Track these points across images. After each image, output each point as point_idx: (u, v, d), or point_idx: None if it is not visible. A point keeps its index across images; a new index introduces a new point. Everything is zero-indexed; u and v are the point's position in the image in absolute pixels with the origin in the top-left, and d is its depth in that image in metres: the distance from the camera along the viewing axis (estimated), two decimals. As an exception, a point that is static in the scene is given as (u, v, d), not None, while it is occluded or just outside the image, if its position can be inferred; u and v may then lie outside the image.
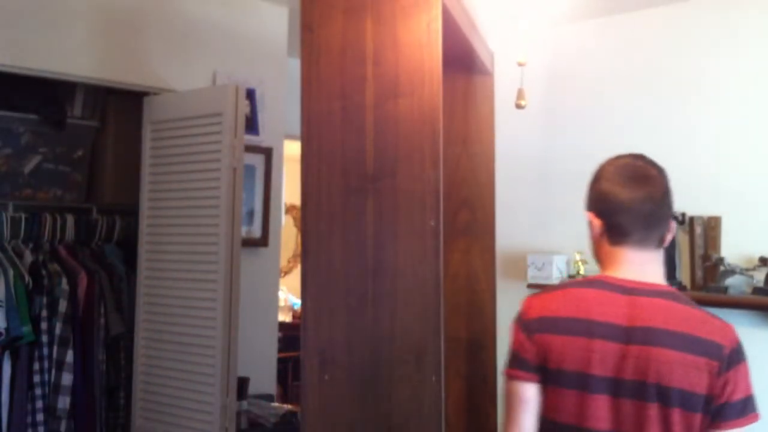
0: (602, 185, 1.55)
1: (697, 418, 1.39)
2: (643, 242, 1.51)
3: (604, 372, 1.43)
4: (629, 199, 1.51)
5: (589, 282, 1.56)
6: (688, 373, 1.39)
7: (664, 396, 1.39)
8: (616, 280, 1.50)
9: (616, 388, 1.43)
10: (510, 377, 1.54)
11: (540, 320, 1.52)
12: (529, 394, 1.51)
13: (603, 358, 1.43)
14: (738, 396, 1.40)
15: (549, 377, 1.49)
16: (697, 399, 1.39)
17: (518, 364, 1.53)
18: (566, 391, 1.46)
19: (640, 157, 1.59)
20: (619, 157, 1.59)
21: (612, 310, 1.46)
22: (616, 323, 1.44)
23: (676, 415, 1.39)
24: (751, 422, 1.42)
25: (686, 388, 1.39)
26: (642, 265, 1.51)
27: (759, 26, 3.00)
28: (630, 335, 1.43)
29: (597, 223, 1.56)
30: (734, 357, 1.43)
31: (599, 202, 1.55)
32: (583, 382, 1.44)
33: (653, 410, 1.40)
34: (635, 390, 1.41)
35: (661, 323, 1.43)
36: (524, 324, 1.54)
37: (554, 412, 1.49)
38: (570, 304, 1.51)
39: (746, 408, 1.41)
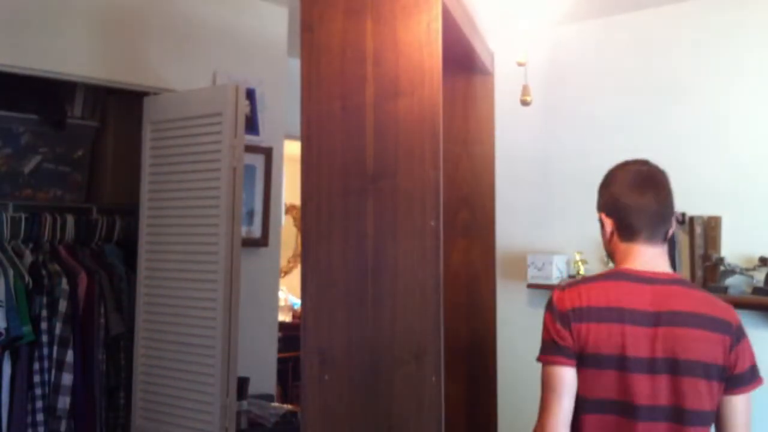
0: (614, 189, 1.78)
1: (716, 385, 1.62)
2: (651, 238, 1.73)
3: (639, 353, 1.62)
4: (638, 203, 1.74)
5: (613, 275, 1.75)
6: (708, 348, 1.62)
7: (693, 369, 1.61)
8: (635, 272, 1.71)
9: (651, 366, 1.62)
10: (550, 363, 1.68)
11: (575, 311, 1.68)
12: (569, 377, 1.66)
13: (635, 341, 1.63)
14: (746, 366, 1.65)
15: (587, 361, 1.65)
16: (716, 369, 1.62)
17: (558, 351, 1.68)
18: (606, 372, 1.64)
19: (645, 163, 1.81)
20: (627, 163, 1.82)
21: (638, 299, 1.66)
22: (643, 309, 1.65)
23: (703, 385, 1.61)
24: (758, 386, 1.67)
25: (708, 360, 1.62)
26: (652, 258, 1.73)
27: (759, 26, 3.01)
28: (658, 319, 1.64)
29: (609, 222, 1.78)
30: (740, 332, 1.67)
31: (611, 204, 1.78)
32: (621, 364, 1.63)
33: (686, 382, 1.61)
34: (668, 366, 1.62)
35: (683, 307, 1.66)
36: (560, 315, 1.69)
37: (595, 391, 1.65)
38: (600, 295, 1.69)
39: (753, 375, 1.67)
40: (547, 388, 1.68)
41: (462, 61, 3.07)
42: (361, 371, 1.97)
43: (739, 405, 1.65)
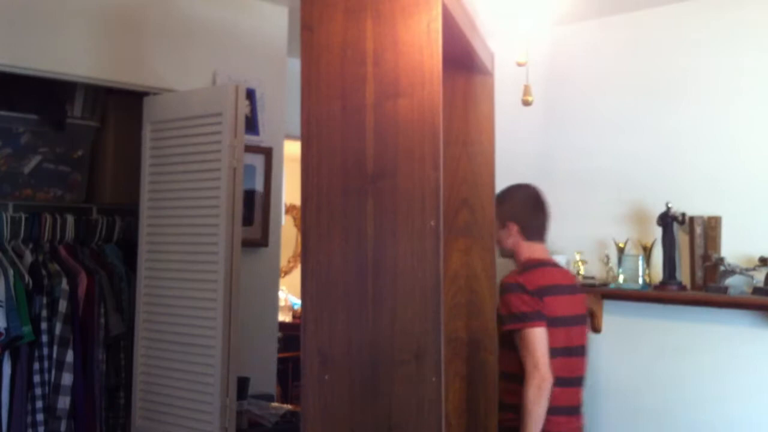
0: (517, 205, 2.66)
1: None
2: (543, 239, 2.67)
3: (574, 312, 2.55)
4: (537, 216, 2.65)
5: (542, 263, 2.61)
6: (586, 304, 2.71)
7: (587, 319, 2.67)
8: (548, 260, 2.65)
9: (578, 320, 2.57)
10: (535, 326, 2.43)
11: (541, 288, 2.48)
12: (546, 334, 2.44)
13: (571, 304, 2.55)
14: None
15: (551, 322, 2.45)
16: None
17: (540, 317, 2.43)
18: (561, 328, 2.48)
19: (533, 187, 2.71)
20: (523, 186, 2.72)
21: (564, 277, 2.63)
22: (568, 284, 2.62)
23: (587, 329, 2.66)
24: None
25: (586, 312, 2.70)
26: (546, 252, 2.67)
27: (758, 26, 3.01)
28: (575, 289, 2.64)
29: (515, 228, 2.65)
30: None
31: (517, 215, 2.65)
32: (566, 321, 2.51)
33: (585, 328, 2.63)
34: (583, 319, 2.60)
35: (575, 279, 2.73)
36: (531, 292, 2.47)
37: (555, 342, 2.45)
38: (547, 277, 2.55)
39: None
40: (535, 345, 2.41)
41: (462, 61, 3.07)
42: (361, 371, 1.97)
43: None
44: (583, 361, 2.59)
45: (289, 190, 4.00)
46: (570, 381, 2.51)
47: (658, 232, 3.13)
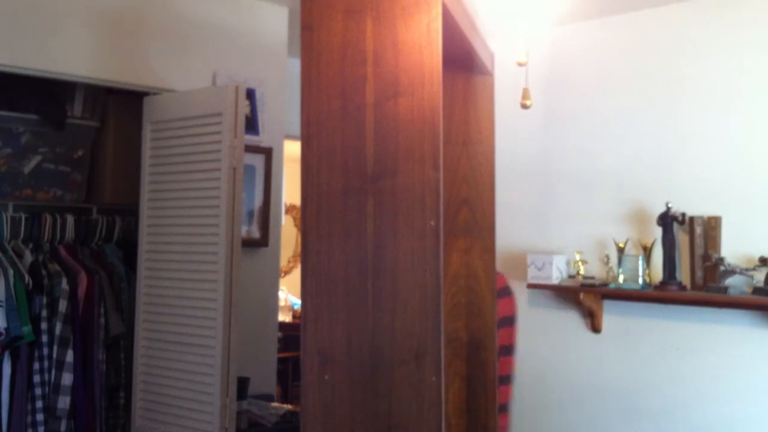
0: None
1: None
2: None
3: (503, 314, 2.53)
4: None
5: None
6: None
7: (515, 320, 2.80)
8: None
9: (506, 322, 2.63)
10: None
11: None
12: None
13: (501, 308, 2.48)
14: None
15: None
16: None
17: None
18: (506, 328, 2.63)
19: None
20: None
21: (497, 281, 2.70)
22: (501, 287, 2.58)
23: (515, 329, 2.88)
24: None
25: None
26: None
27: (758, 26, 3.01)
28: (505, 292, 2.69)
29: None
30: None
31: None
32: (497, 324, 2.56)
33: (513, 329, 2.68)
34: (511, 320, 2.68)
35: (508, 284, 2.85)
36: None
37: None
38: None
39: None
40: None
41: (462, 61, 3.07)
42: (361, 371, 1.97)
43: None
44: (513, 360, 2.74)
45: (289, 190, 4.00)
46: (500, 379, 2.66)
47: (658, 232, 3.13)
